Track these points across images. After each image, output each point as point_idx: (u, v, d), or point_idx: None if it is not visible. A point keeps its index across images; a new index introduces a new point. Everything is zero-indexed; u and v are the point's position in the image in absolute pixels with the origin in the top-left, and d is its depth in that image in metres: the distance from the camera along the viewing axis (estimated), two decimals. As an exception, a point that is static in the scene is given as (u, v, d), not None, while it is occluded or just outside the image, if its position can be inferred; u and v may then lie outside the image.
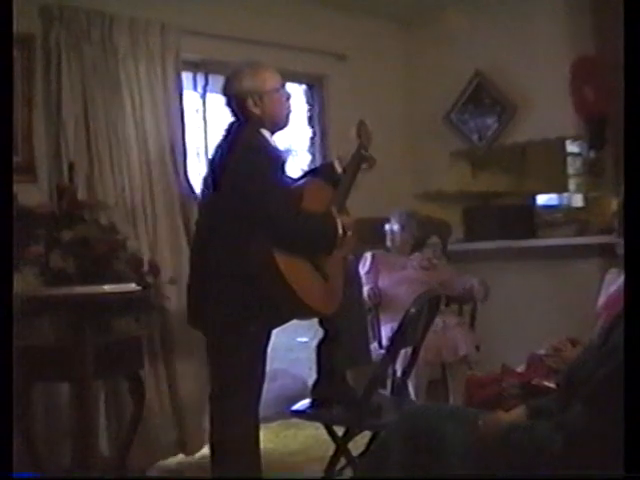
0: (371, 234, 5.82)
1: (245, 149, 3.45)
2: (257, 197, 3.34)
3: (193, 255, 3.72)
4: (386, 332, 5.16)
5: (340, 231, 3.50)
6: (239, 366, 3.49)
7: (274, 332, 3.65)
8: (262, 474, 3.64)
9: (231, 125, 3.63)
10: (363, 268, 5.54)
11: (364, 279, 5.43)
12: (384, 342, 5.13)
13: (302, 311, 3.49)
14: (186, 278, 3.78)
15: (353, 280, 3.92)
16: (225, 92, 3.63)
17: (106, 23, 4.86)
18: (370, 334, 5.18)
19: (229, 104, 3.62)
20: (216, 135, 3.80)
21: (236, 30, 5.59)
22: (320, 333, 3.93)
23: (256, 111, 3.53)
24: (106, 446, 4.65)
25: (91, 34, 4.79)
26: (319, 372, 3.94)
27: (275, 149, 3.58)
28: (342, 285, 3.65)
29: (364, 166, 3.90)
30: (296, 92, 6.41)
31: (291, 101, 3.71)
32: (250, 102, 3.53)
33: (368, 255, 5.64)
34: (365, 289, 5.28)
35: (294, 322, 3.73)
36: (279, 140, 3.80)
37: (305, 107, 6.52)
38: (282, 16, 5.86)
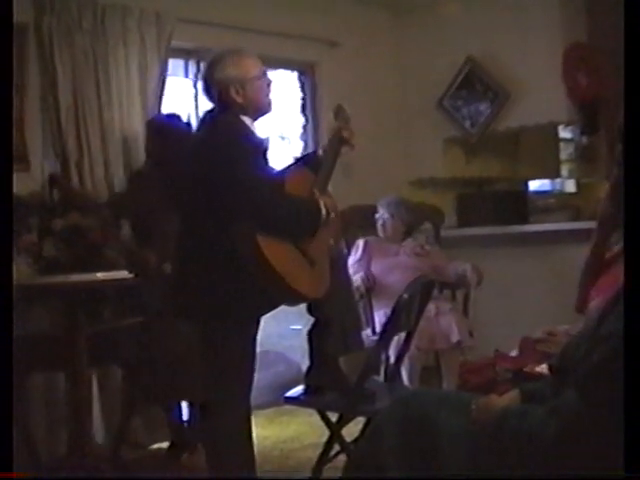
0: (363, 222, 5.82)
1: (226, 135, 3.42)
2: (239, 183, 3.31)
3: (176, 244, 3.68)
4: (379, 318, 5.17)
5: (323, 212, 3.49)
6: (229, 354, 3.48)
7: (267, 319, 3.65)
8: (256, 462, 3.64)
9: (209, 112, 3.60)
10: (355, 255, 5.55)
11: (356, 266, 5.44)
12: (377, 328, 5.13)
13: (289, 296, 3.47)
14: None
15: (340, 265, 3.91)
16: (206, 79, 3.57)
17: (98, 12, 4.86)
18: (363, 320, 5.20)
19: (209, 91, 3.57)
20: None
21: (228, 17, 5.58)
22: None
23: (238, 99, 3.49)
24: (101, 434, 4.67)
25: (82, 23, 4.79)
26: (311, 359, 3.95)
27: (256, 136, 3.56)
28: (328, 270, 3.65)
29: (344, 149, 3.88)
30: (288, 79, 6.41)
31: (272, 87, 3.69)
32: (232, 90, 3.48)
33: (360, 242, 5.63)
34: (358, 275, 5.29)
35: (286, 309, 3.72)
36: (262, 127, 3.78)
37: (297, 94, 6.52)
38: (273, 3, 5.85)
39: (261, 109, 3.59)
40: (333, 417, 3.90)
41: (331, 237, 3.77)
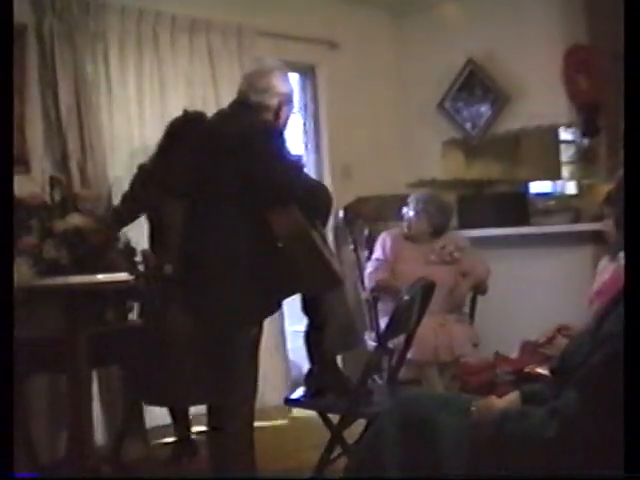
0: (371, 214, 5.78)
1: (263, 128, 3.50)
2: (284, 173, 3.43)
3: (193, 242, 3.65)
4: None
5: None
6: (232, 356, 3.50)
7: (269, 321, 3.66)
8: (256, 463, 3.65)
9: (237, 112, 3.65)
10: (383, 250, 5.39)
11: (378, 263, 5.33)
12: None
13: (333, 279, 3.57)
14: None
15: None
16: (256, 85, 3.64)
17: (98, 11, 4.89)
18: (360, 319, 5.17)
19: (251, 94, 3.63)
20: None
21: (230, 19, 5.59)
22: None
23: (282, 117, 3.62)
24: (101, 435, 4.67)
25: (87, 23, 4.81)
26: (311, 361, 3.95)
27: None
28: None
29: None
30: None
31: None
32: (274, 102, 3.60)
33: (387, 239, 5.43)
34: (376, 275, 5.24)
35: (287, 311, 3.74)
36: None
37: (298, 96, 6.52)
38: (274, 5, 5.85)
39: (285, 126, 3.70)
40: (335, 419, 3.89)
41: None
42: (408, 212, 5.42)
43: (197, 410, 4.85)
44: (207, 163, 3.57)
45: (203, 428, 4.69)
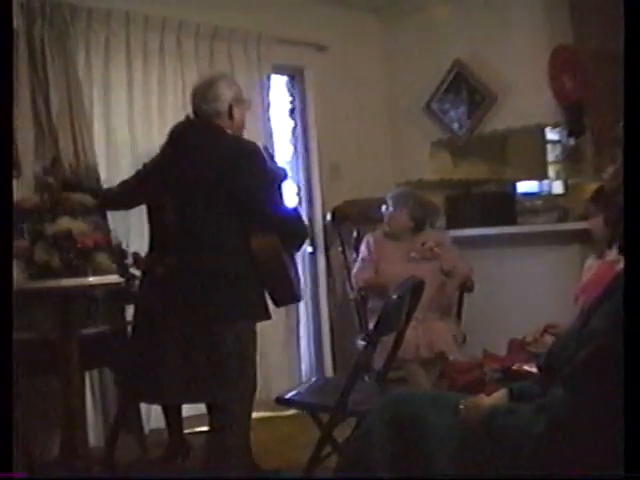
0: (357, 217, 5.82)
1: (246, 155, 3.70)
2: (266, 199, 3.70)
3: (178, 246, 3.72)
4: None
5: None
6: (232, 355, 3.55)
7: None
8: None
9: (200, 127, 3.80)
10: (367, 251, 5.48)
11: (362, 264, 5.40)
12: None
13: (293, 298, 3.93)
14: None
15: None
16: (206, 99, 3.81)
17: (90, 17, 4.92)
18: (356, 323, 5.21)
19: (202, 105, 3.77)
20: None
21: (216, 22, 5.60)
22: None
23: (236, 117, 3.80)
24: (94, 437, 4.69)
25: (72, 28, 4.81)
26: None
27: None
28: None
29: None
30: (277, 83, 6.44)
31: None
32: (232, 109, 3.80)
33: (371, 239, 5.53)
34: (362, 275, 5.29)
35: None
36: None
37: (286, 98, 6.55)
38: (262, 7, 5.87)
39: (241, 130, 3.85)
40: (325, 418, 3.91)
41: None
42: (387, 210, 5.51)
43: (190, 411, 4.89)
44: (192, 173, 3.71)
45: (198, 429, 4.76)
